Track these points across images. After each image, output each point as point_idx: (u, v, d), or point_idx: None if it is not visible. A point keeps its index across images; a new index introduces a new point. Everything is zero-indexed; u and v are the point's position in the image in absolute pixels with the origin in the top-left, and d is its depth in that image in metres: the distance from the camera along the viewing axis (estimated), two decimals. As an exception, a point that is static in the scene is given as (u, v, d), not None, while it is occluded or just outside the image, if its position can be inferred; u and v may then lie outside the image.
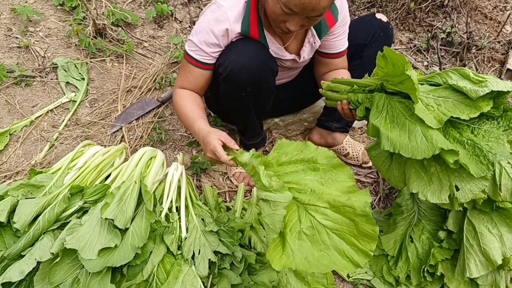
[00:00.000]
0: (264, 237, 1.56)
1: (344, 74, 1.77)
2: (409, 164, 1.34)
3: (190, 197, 1.58)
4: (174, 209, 1.50)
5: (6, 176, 1.78)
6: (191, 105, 1.53)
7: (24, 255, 1.27)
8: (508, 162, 1.35)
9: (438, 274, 1.50)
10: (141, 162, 1.53)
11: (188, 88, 1.60)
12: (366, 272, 1.62)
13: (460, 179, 1.26)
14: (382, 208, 1.89)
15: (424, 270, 1.52)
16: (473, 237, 1.41)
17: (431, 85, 1.32)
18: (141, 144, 1.99)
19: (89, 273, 1.22)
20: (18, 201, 1.36)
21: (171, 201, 1.51)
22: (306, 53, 1.68)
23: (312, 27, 1.59)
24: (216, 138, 1.33)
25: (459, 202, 1.28)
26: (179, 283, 1.28)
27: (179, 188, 1.56)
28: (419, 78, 1.34)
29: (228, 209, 1.65)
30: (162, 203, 1.50)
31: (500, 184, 1.33)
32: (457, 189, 1.27)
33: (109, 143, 1.99)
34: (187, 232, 1.43)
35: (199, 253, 1.35)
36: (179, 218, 1.47)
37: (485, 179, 1.24)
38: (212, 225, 1.42)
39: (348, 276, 1.61)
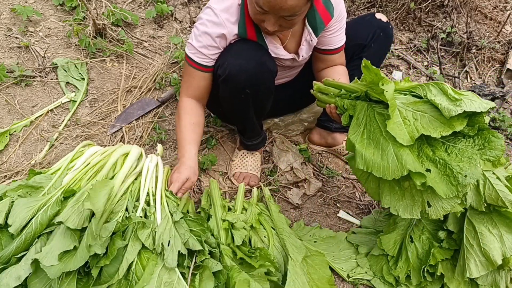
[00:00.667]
0: (265, 237, 1.56)
1: (341, 70, 1.77)
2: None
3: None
4: (151, 202, 1.46)
5: (6, 176, 1.78)
6: (188, 124, 1.60)
7: (20, 258, 1.25)
8: (493, 173, 1.35)
9: (438, 274, 1.50)
10: (110, 162, 1.52)
11: (192, 94, 1.62)
12: (366, 272, 1.62)
13: (433, 196, 1.27)
14: (382, 208, 1.88)
15: (424, 270, 1.52)
16: (473, 237, 1.41)
17: (413, 96, 1.31)
18: (141, 144, 2.00)
19: (58, 280, 1.21)
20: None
21: (148, 194, 1.48)
22: (304, 51, 1.68)
23: (308, 25, 1.59)
24: (186, 177, 1.50)
25: (431, 218, 1.29)
26: (155, 278, 1.25)
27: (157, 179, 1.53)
28: (404, 87, 1.34)
29: (228, 209, 1.65)
30: (139, 198, 1.47)
31: (484, 195, 1.34)
32: (429, 206, 1.28)
33: (109, 143, 1.99)
34: (161, 224, 1.39)
35: (168, 245, 1.30)
36: (156, 210, 1.43)
37: (457, 197, 1.24)
38: (176, 214, 1.39)
39: (348, 276, 1.61)
